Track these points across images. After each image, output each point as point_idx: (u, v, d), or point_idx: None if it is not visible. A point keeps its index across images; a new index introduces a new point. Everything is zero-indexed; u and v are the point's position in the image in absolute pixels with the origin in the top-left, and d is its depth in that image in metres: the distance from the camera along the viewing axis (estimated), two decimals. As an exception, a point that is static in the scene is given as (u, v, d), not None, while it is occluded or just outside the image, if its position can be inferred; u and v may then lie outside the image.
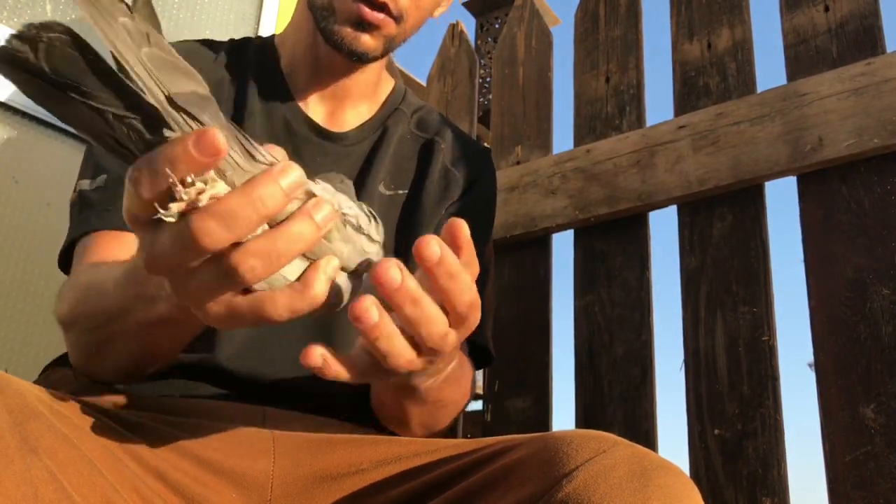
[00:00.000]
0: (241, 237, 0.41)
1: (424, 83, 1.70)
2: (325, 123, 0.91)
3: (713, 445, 1.08)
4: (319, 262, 0.46)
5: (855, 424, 0.98)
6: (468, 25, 5.27)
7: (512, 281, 1.37)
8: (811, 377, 1.04)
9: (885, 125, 1.05)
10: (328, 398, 0.79)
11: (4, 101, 1.24)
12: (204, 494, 0.64)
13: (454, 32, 1.67)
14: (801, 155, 1.11)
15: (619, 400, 1.19)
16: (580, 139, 1.38)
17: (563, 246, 1.35)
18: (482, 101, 3.64)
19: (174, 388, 0.75)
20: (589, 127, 1.38)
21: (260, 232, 0.42)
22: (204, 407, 0.73)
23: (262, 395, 0.76)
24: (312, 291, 0.45)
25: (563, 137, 1.75)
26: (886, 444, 0.96)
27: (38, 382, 0.74)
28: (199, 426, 0.70)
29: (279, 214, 0.43)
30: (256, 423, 0.74)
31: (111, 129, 0.40)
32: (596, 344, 1.24)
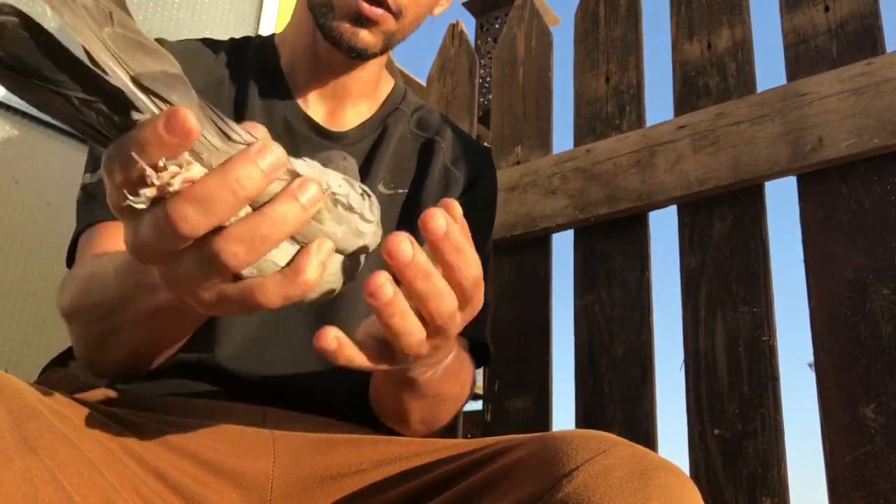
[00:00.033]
0: (220, 222, 0.40)
1: (424, 83, 1.70)
2: (324, 122, 0.91)
3: (713, 445, 1.08)
4: (311, 245, 0.44)
5: (855, 424, 0.98)
6: (468, 25, 5.27)
7: (512, 281, 1.37)
8: (811, 377, 1.04)
9: (885, 125, 1.05)
10: (328, 398, 0.79)
11: (4, 101, 1.25)
12: (204, 494, 0.64)
13: (454, 32, 1.67)
14: (801, 155, 1.11)
15: (619, 400, 1.19)
16: (580, 139, 1.38)
17: (563, 246, 1.35)
18: (482, 101, 3.64)
19: (174, 387, 0.75)
20: (589, 127, 1.38)
21: (243, 215, 0.41)
22: (204, 407, 0.73)
23: (262, 395, 0.76)
24: (304, 277, 0.43)
25: (563, 137, 1.76)
26: (886, 444, 0.96)
27: (37, 382, 0.74)
28: (199, 426, 0.70)
29: (261, 197, 0.41)
30: (256, 423, 0.74)
31: (81, 114, 0.39)
32: (596, 344, 1.24)
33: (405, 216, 0.89)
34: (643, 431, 1.15)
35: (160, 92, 0.38)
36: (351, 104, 0.93)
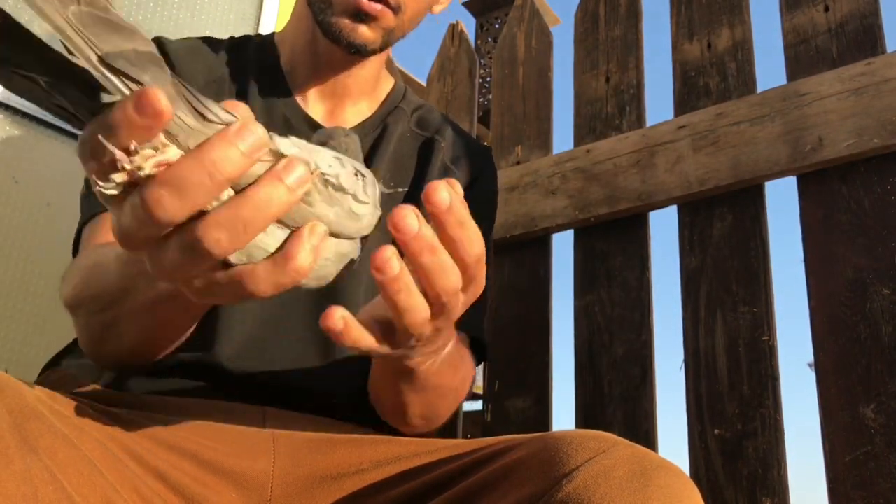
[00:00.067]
0: (199, 206, 0.38)
1: (424, 83, 1.70)
2: (324, 121, 0.91)
3: (713, 445, 1.08)
4: (302, 229, 0.41)
5: (855, 424, 0.98)
6: (468, 25, 5.27)
7: (512, 281, 1.37)
8: (811, 377, 1.04)
9: (885, 125, 1.05)
10: (328, 398, 0.79)
11: (4, 101, 1.24)
12: (204, 494, 0.64)
13: (454, 32, 1.67)
14: (801, 155, 1.11)
15: (619, 400, 1.19)
16: (580, 139, 1.38)
17: (563, 246, 1.35)
18: (482, 101, 3.65)
19: (174, 386, 0.75)
20: (589, 127, 1.38)
21: (226, 198, 0.39)
22: (204, 407, 0.73)
23: (262, 395, 0.76)
24: (295, 263, 0.41)
25: (563, 137, 1.75)
26: (886, 444, 0.96)
27: (38, 382, 0.74)
28: (199, 426, 0.70)
29: (243, 179, 0.39)
30: (256, 423, 0.74)
31: (52, 97, 0.37)
32: (596, 344, 1.24)
33: None
34: (643, 431, 1.15)
35: (130, 72, 0.36)
36: (351, 103, 0.93)
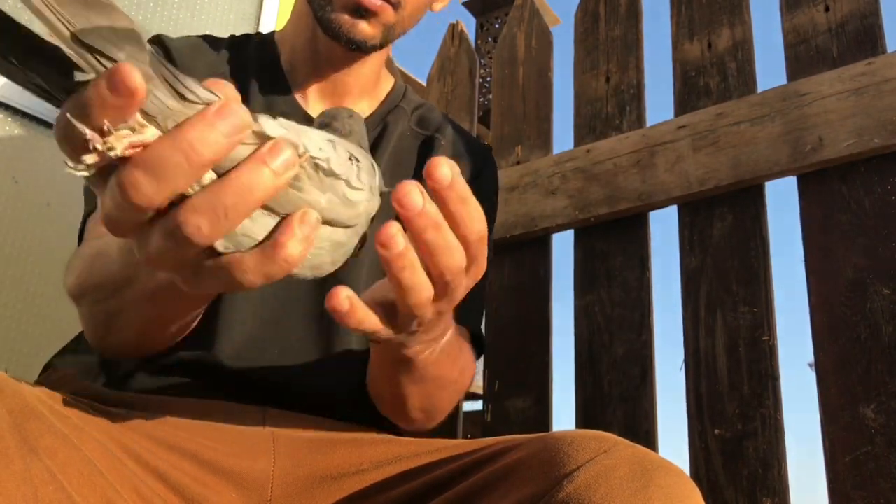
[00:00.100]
0: (178, 190, 0.36)
1: (424, 83, 1.70)
2: None
3: (713, 445, 1.08)
4: (292, 217, 0.39)
5: (855, 424, 0.98)
6: (468, 25, 5.27)
7: (512, 281, 1.37)
8: (811, 377, 1.04)
9: (885, 125, 1.05)
10: (328, 398, 0.79)
11: (4, 101, 1.24)
12: (204, 494, 0.64)
13: (454, 32, 1.67)
14: (801, 155, 1.11)
15: (619, 400, 1.19)
16: (580, 139, 1.38)
17: (563, 246, 1.35)
18: (482, 101, 3.64)
19: (174, 385, 0.75)
20: (589, 127, 1.38)
21: (209, 182, 0.37)
22: (204, 407, 0.73)
23: (262, 394, 0.76)
24: (285, 252, 0.39)
25: (563, 137, 1.75)
26: (887, 443, 0.96)
27: (38, 382, 0.74)
28: (199, 426, 0.70)
29: (226, 162, 0.37)
30: (256, 422, 0.74)
31: (27, 76, 0.35)
32: (596, 344, 1.24)
33: None
34: (643, 431, 1.15)
35: (104, 49, 0.34)
36: (351, 101, 0.93)
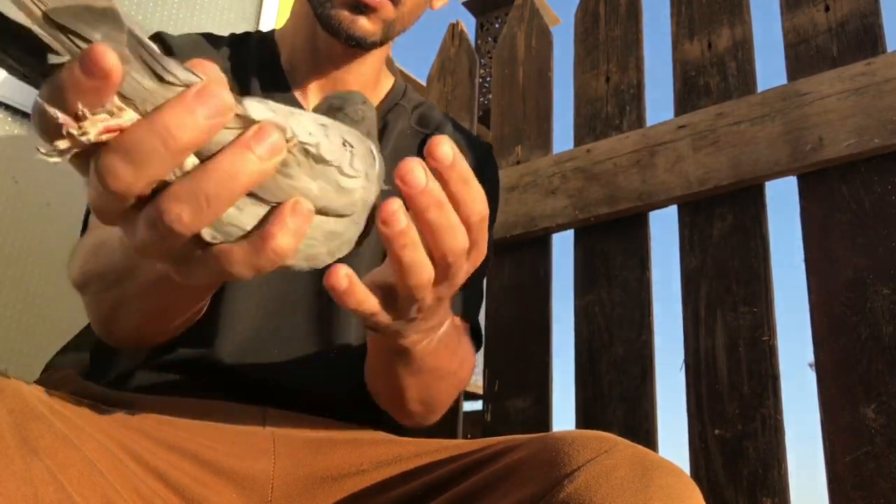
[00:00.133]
0: (157, 176, 0.35)
1: (424, 83, 1.70)
2: None
3: (713, 445, 1.08)
4: (283, 207, 0.38)
5: (855, 424, 0.98)
6: (468, 25, 5.27)
7: (512, 281, 1.37)
8: (811, 377, 1.04)
9: (885, 125, 1.05)
10: (328, 398, 0.79)
11: (4, 101, 1.24)
12: (204, 495, 0.64)
13: (454, 32, 1.67)
14: (801, 155, 1.11)
15: (619, 400, 1.19)
16: (580, 139, 1.38)
17: (563, 246, 1.35)
18: (482, 101, 3.64)
19: (175, 384, 0.75)
20: (589, 127, 1.38)
21: (191, 168, 0.36)
22: (204, 407, 0.73)
23: (262, 394, 0.76)
24: (274, 244, 0.37)
25: (563, 137, 1.75)
26: (887, 444, 0.96)
27: (38, 382, 0.74)
28: (199, 426, 0.70)
29: (210, 147, 0.35)
30: (257, 422, 0.74)
31: (4, 59, 0.34)
32: (596, 344, 1.24)
33: None
34: (643, 431, 1.15)
35: (78, 30, 0.32)
36: None
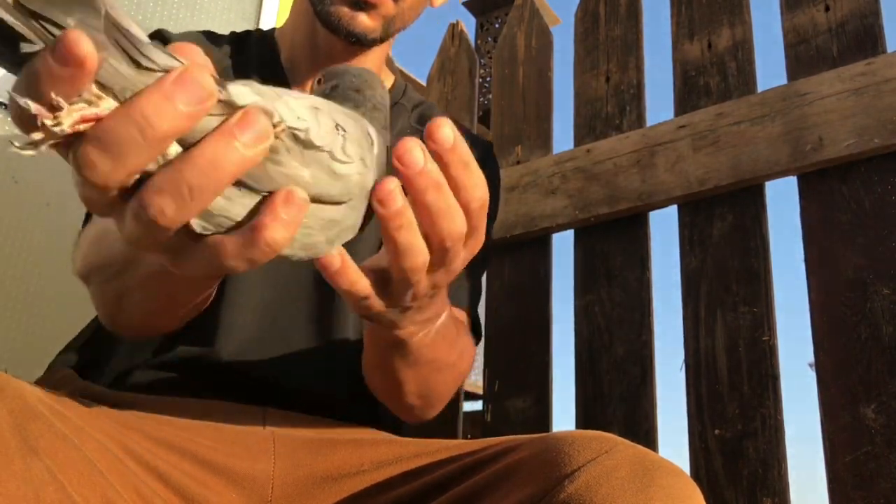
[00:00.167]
0: (138, 166, 0.33)
1: (424, 83, 1.70)
2: None
3: (713, 445, 1.08)
4: (276, 197, 0.36)
5: (855, 424, 0.98)
6: (468, 25, 5.27)
7: (512, 281, 1.37)
8: (811, 377, 1.04)
9: (885, 125, 1.05)
10: (329, 398, 0.79)
11: (4, 100, 1.24)
12: (204, 495, 0.64)
13: (454, 32, 1.67)
14: (801, 155, 1.11)
15: (619, 400, 1.19)
16: (580, 139, 1.38)
17: (563, 246, 1.35)
18: (482, 101, 3.64)
19: (174, 385, 0.75)
20: (589, 127, 1.38)
21: (174, 156, 0.34)
22: (204, 407, 0.73)
23: (262, 394, 0.76)
24: (266, 235, 0.35)
25: (563, 137, 1.76)
26: (887, 444, 0.96)
27: (38, 382, 0.74)
28: (199, 426, 0.70)
29: (195, 134, 0.34)
30: (257, 423, 0.74)
31: None
32: (596, 344, 1.24)
33: None
34: (643, 431, 1.15)
35: (50, 15, 0.31)
36: None
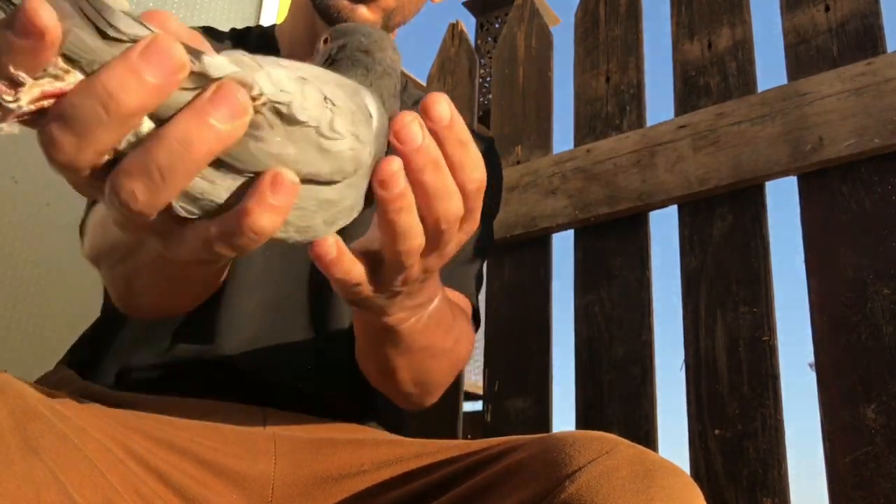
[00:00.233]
0: (105, 145, 0.31)
1: (424, 83, 1.70)
2: None
3: (713, 445, 1.08)
4: (262, 179, 0.33)
5: (855, 424, 0.98)
6: (468, 25, 5.27)
7: (512, 281, 1.37)
8: (811, 377, 1.04)
9: (885, 125, 1.05)
10: (329, 398, 0.79)
11: (4, 100, 1.24)
12: (204, 495, 0.64)
13: (454, 32, 1.67)
14: (801, 155, 1.11)
15: (619, 400, 1.19)
16: (580, 139, 1.38)
17: (563, 246, 1.35)
18: (482, 101, 3.64)
19: (175, 385, 0.75)
20: (589, 127, 1.38)
21: (146, 134, 0.32)
22: (204, 407, 0.73)
23: (262, 395, 0.76)
24: (251, 221, 0.33)
25: (563, 137, 1.75)
26: (887, 444, 0.96)
27: (38, 382, 0.74)
28: (199, 426, 0.70)
29: (165, 111, 0.31)
30: (257, 423, 0.74)
31: None
32: (596, 344, 1.24)
33: None
34: (643, 431, 1.15)
35: None
36: None
